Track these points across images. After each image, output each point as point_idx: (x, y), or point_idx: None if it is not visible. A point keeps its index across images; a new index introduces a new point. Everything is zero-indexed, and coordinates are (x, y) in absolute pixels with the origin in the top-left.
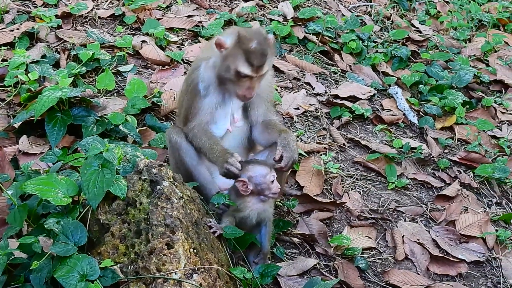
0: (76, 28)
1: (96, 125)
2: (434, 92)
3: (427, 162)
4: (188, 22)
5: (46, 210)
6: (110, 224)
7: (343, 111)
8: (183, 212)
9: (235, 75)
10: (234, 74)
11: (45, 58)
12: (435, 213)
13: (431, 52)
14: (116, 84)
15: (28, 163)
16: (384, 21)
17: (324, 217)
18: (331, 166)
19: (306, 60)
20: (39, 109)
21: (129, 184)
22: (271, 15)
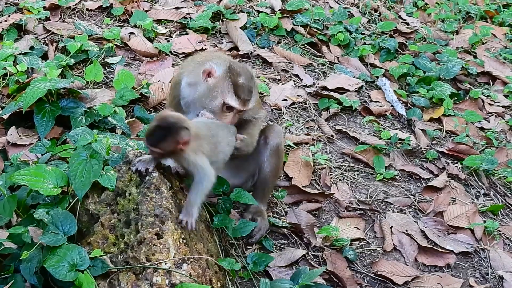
0: (64, 20)
1: (85, 117)
2: (422, 84)
3: (415, 153)
4: (176, 14)
5: (35, 200)
6: (99, 215)
7: (331, 103)
8: (173, 202)
9: (221, 106)
10: (220, 105)
11: (33, 49)
12: (423, 204)
13: (419, 44)
14: (105, 75)
15: (17, 154)
16: (372, 13)
17: (313, 208)
18: (320, 157)
19: (294, 51)
20: (27, 101)
21: (118, 175)
22: (258, 7)
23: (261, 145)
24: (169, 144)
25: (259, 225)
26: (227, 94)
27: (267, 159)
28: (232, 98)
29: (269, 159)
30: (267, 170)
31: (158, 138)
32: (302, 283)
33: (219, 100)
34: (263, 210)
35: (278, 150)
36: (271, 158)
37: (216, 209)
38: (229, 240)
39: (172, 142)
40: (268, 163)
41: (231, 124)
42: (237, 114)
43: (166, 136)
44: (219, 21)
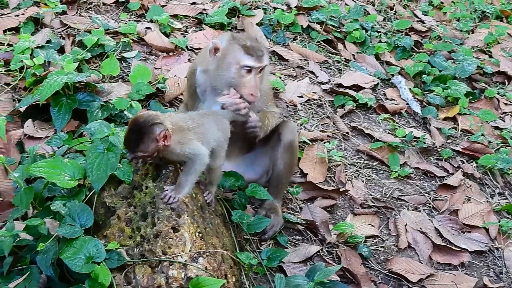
0: (81, 14)
1: (101, 110)
2: (437, 82)
3: (430, 151)
4: (192, 9)
5: (52, 193)
6: (116, 207)
7: (347, 100)
8: (189, 196)
9: (237, 71)
10: (238, 70)
11: (50, 43)
12: (438, 203)
13: (434, 43)
14: (121, 70)
15: (33, 147)
16: (388, 11)
17: (328, 205)
18: (335, 154)
19: (310, 48)
20: (44, 94)
21: (135, 168)
22: (274, 3)
23: (274, 142)
24: (148, 144)
25: (273, 222)
26: (240, 56)
27: (280, 155)
28: (246, 58)
29: (282, 155)
30: (280, 167)
31: (136, 143)
32: (318, 279)
33: (235, 66)
34: (277, 206)
35: (291, 146)
36: (285, 154)
37: (231, 204)
38: (244, 235)
39: (151, 142)
40: (282, 160)
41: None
42: (257, 75)
43: (142, 138)
44: (235, 17)
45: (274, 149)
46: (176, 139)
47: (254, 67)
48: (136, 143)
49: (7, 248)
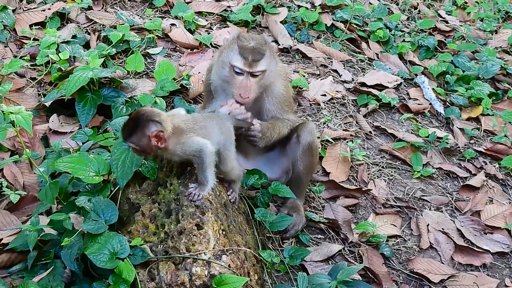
0: (106, 9)
1: (126, 106)
2: (461, 83)
3: (453, 152)
4: (216, 6)
5: (76, 188)
6: (140, 204)
7: (370, 99)
8: (213, 194)
9: (229, 70)
10: (229, 69)
11: (75, 38)
12: (460, 203)
13: (458, 43)
14: (145, 66)
15: (58, 142)
16: (411, 10)
17: (350, 204)
18: (357, 153)
19: (334, 47)
20: (70, 89)
21: (160, 165)
22: (299, 1)
23: (293, 143)
24: (140, 138)
25: (295, 221)
26: (233, 56)
27: (299, 157)
28: (237, 59)
29: (301, 157)
30: (300, 168)
31: (128, 132)
32: (340, 278)
33: (228, 65)
34: (299, 205)
35: (310, 148)
36: (304, 156)
37: (254, 202)
38: (266, 233)
39: (142, 136)
40: (301, 161)
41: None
42: (251, 78)
43: (135, 130)
44: (260, 15)
45: (293, 151)
46: (175, 141)
47: (244, 70)
48: (129, 133)
49: (32, 242)
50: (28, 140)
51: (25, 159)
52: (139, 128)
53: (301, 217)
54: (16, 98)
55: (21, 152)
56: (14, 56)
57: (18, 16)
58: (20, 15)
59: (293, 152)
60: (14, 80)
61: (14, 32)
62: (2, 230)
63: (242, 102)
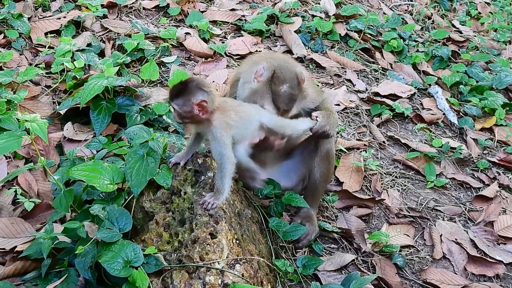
0: (121, 18)
1: (140, 115)
2: (474, 93)
3: (466, 162)
4: (231, 15)
5: (90, 196)
6: (154, 212)
7: (384, 109)
8: (227, 203)
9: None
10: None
11: (90, 46)
12: (473, 214)
13: (472, 53)
14: (160, 74)
15: (73, 150)
16: (425, 20)
17: (363, 214)
18: (371, 163)
19: (348, 57)
20: (85, 97)
21: (174, 173)
22: (313, 11)
23: (311, 150)
24: (184, 102)
25: (308, 230)
26: (266, 102)
27: (317, 164)
28: (270, 105)
29: (319, 164)
30: (317, 175)
31: (175, 94)
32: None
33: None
34: (313, 214)
35: (328, 155)
36: (322, 163)
37: (268, 211)
38: (279, 243)
39: (187, 101)
40: (318, 168)
41: None
42: None
43: (183, 93)
44: (274, 24)
45: (311, 158)
46: (218, 119)
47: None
48: (177, 94)
49: (46, 250)
50: (43, 148)
51: (39, 167)
52: (186, 92)
53: (314, 226)
54: (31, 106)
55: (35, 160)
56: (30, 64)
57: (34, 24)
58: (35, 23)
59: (311, 159)
60: (29, 88)
61: (30, 40)
62: (17, 237)
63: None
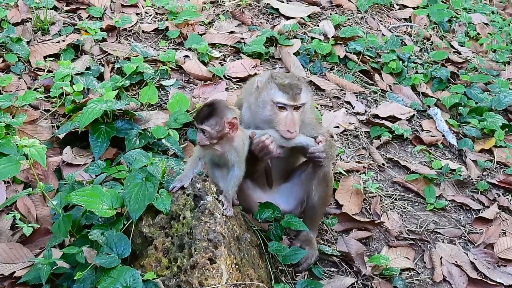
0: (120, 41)
1: (139, 138)
2: (474, 114)
3: (466, 184)
4: (230, 38)
5: (89, 221)
6: (153, 237)
7: (383, 131)
8: (226, 227)
9: (271, 108)
10: (271, 107)
11: (89, 70)
12: (473, 236)
13: (471, 74)
14: (159, 98)
15: (72, 174)
16: (424, 42)
17: (363, 236)
18: (370, 185)
19: (347, 79)
20: (84, 121)
21: (173, 198)
22: (312, 33)
23: (308, 174)
24: (217, 121)
25: (308, 254)
26: (274, 93)
27: (315, 187)
28: (279, 95)
29: (317, 187)
30: (315, 198)
31: (206, 116)
32: None
33: (269, 103)
34: (312, 238)
35: (326, 178)
36: (319, 186)
37: (267, 235)
38: (279, 266)
39: (218, 119)
40: (316, 191)
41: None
42: (294, 111)
43: (213, 114)
44: (273, 47)
45: (308, 181)
46: (240, 135)
47: (288, 104)
48: (207, 116)
49: (45, 276)
50: (42, 173)
51: (38, 192)
52: (216, 113)
53: (314, 250)
54: (30, 130)
55: (34, 185)
56: (28, 88)
57: (33, 48)
58: (34, 46)
59: (309, 182)
60: (28, 112)
61: (29, 63)
62: (15, 263)
63: (290, 137)
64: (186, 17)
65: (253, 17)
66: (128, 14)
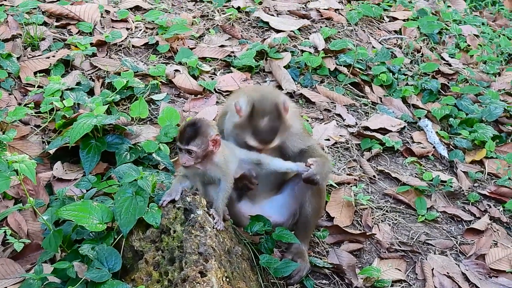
0: (111, 56)
1: (130, 153)
2: (464, 126)
3: (457, 195)
4: (220, 52)
5: (80, 236)
6: (144, 251)
7: (374, 143)
8: (216, 240)
9: (244, 144)
10: (243, 144)
11: (79, 85)
12: (464, 247)
13: (461, 86)
14: (149, 112)
15: (62, 189)
16: (415, 53)
17: (354, 249)
18: (361, 197)
19: (337, 91)
20: (74, 136)
21: (163, 212)
22: (302, 46)
23: (302, 185)
24: (202, 141)
25: (299, 266)
26: (247, 136)
27: (308, 199)
28: (251, 139)
29: (310, 199)
30: (308, 210)
31: (190, 136)
32: None
33: (241, 139)
34: (304, 250)
35: (320, 190)
36: (313, 198)
37: (258, 248)
38: (270, 279)
39: (204, 138)
40: (310, 203)
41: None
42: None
43: (197, 133)
44: (263, 60)
45: (302, 193)
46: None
47: (258, 148)
48: (192, 137)
49: None
50: (32, 188)
51: (28, 207)
52: (201, 132)
53: (305, 262)
54: (20, 145)
55: (25, 200)
56: (19, 103)
57: (23, 64)
58: (24, 62)
59: (302, 194)
60: (19, 127)
61: (19, 79)
62: (6, 278)
63: None
64: (176, 31)
65: (243, 31)
66: (118, 29)
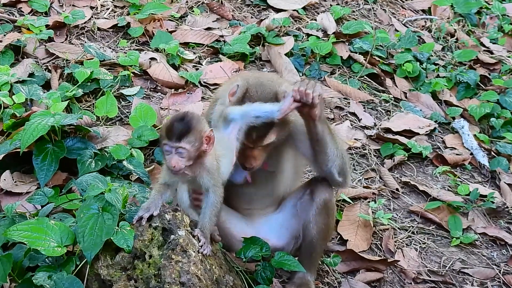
0: (71, 41)
1: (95, 160)
2: (509, 127)
3: (500, 213)
4: (207, 36)
5: (34, 262)
6: (113, 281)
7: (396, 149)
8: (202, 268)
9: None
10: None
11: (33, 77)
12: (509, 277)
13: (505, 78)
14: (119, 110)
15: (11, 205)
16: (447, 38)
17: (373, 279)
18: (381, 215)
19: (351, 85)
20: (26, 139)
21: (137, 233)
22: (308, 29)
23: (305, 201)
24: (196, 137)
25: None
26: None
27: (313, 218)
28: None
29: (315, 218)
30: (313, 232)
31: (181, 132)
32: None
33: None
34: (310, 281)
35: (326, 207)
36: (318, 217)
37: (254, 278)
38: None
39: (197, 134)
40: (315, 223)
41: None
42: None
43: (190, 128)
44: (260, 46)
45: (305, 210)
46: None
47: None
48: (184, 132)
49: None
50: None
51: None
52: (194, 126)
53: None
54: None
55: None
56: None
57: None
58: None
59: (305, 212)
60: None
61: None
62: None
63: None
64: (152, 11)
65: (235, 10)
66: (80, 8)
